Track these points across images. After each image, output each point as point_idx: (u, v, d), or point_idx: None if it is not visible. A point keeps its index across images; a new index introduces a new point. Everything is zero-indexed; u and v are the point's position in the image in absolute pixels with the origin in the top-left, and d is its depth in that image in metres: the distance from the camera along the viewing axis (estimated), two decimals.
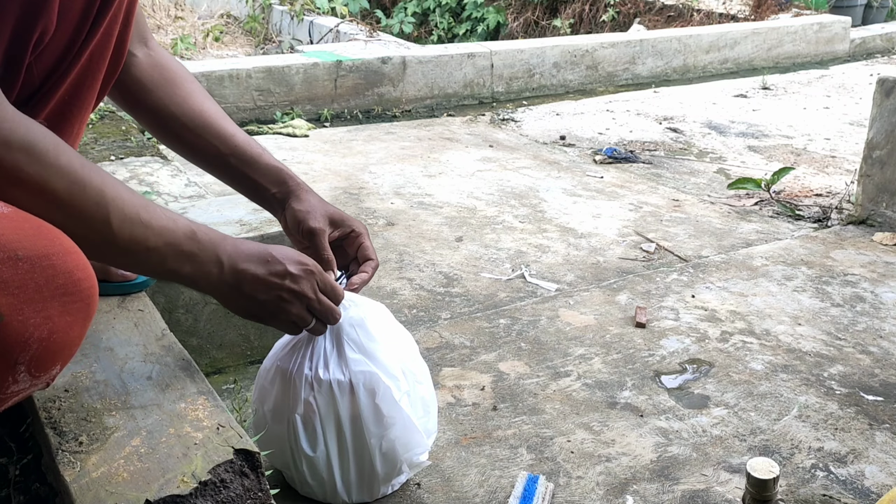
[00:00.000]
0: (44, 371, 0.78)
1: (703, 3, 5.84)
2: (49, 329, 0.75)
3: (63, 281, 0.76)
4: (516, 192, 2.80)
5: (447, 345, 1.78)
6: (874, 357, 1.74)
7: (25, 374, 0.76)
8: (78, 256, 0.79)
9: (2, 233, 0.73)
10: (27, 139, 0.76)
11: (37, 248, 0.74)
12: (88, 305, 0.80)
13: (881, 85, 2.33)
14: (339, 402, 1.20)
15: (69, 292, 0.77)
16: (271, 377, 1.25)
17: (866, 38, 5.54)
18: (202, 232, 0.95)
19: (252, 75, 3.65)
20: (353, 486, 1.27)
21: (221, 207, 1.72)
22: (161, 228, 0.89)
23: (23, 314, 0.73)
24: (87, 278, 0.79)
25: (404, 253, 2.28)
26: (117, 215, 0.84)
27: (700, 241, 2.39)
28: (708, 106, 4.08)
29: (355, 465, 1.24)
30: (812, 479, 1.36)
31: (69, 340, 0.79)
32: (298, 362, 1.21)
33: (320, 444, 1.22)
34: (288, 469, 1.28)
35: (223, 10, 6.63)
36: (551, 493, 1.31)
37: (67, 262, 0.77)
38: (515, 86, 4.29)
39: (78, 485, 0.84)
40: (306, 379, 1.19)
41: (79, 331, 0.80)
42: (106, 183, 0.83)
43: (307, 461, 1.23)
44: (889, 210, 2.38)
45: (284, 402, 1.22)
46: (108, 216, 0.83)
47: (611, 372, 1.67)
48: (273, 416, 1.24)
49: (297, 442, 1.22)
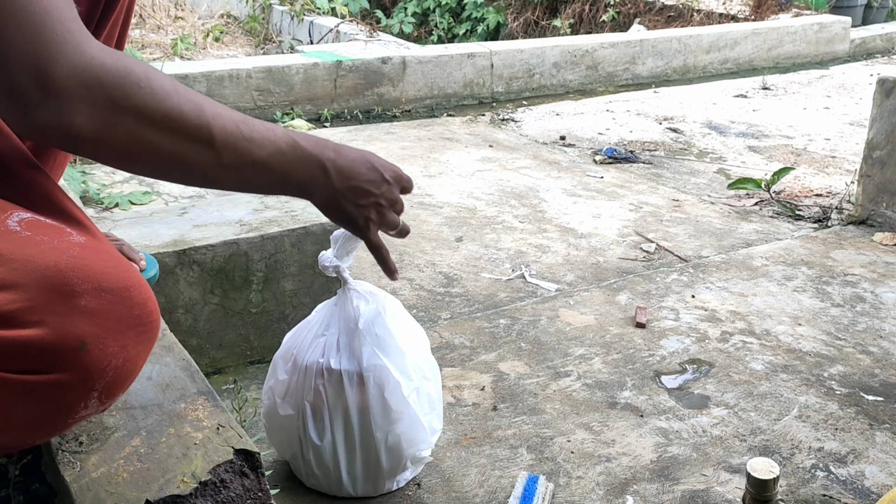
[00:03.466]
0: (111, 397, 0.80)
1: (703, 3, 5.84)
2: (124, 357, 0.77)
3: (139, 312, 0.78)
4: (516, 192, 2.80)
5: (447, 345, 1.78)
6: (874, 357, 1.74)
7: (96, 401, 0.78)
8: (148, 289, 0.81)
9: (87, 263, 0.75)
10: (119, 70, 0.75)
11: (119, 279, 0.77)
12: (155, 335, 0.82)
13: (881, 85, 2.33)
14: (349, 392, 1.22)
15: (143, 323, 0.79)
16: (286, 364, 1.27)
17: (866, 38, 5.54)
18: (303, 139, 0.95)
19: (252, 75, 3.65)
20: (358, 478, 1.28)
21: (221, 207, 1.72)
22: (263, 140, 0.89)
23: (104, 343, 0.75)
24: (156, 310, 0.82)
25: (404, 253, 2.28)
26: (219, 132, 0.83)
27: (700, 241, 2.39)
28: (708, 106, 4.08)
29: (361, 457, 1.26)
30: (812, 479, 1.36)
31: (136, 368, 0.81)
32: (312, 351, 1.23)
33: (327, 434, 1.24)
34: (295, 459, 1.29)
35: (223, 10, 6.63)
36: (551, 493, 1.31)
37: (143, 295, 0.79)
38: (515, 86, 4.29)
39: (78, 485, 0.84)
40: (318, 367, 1.22)
41: (144, 359, 0.82)
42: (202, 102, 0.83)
43: (314, 450, 1.25)
44: (889, 210, 2.38)
45: (297, 389, 1.24)
46: (210, 134, 0.82)
47: (611, 372, 1.67)
48: (284, 404, 1.25)
49: (305, 430, 1.24)
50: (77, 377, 0.74)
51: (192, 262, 1.55)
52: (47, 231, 0.76)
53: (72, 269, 0.73)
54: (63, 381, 0.73)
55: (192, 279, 1.56)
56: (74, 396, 0.76)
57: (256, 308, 1.65)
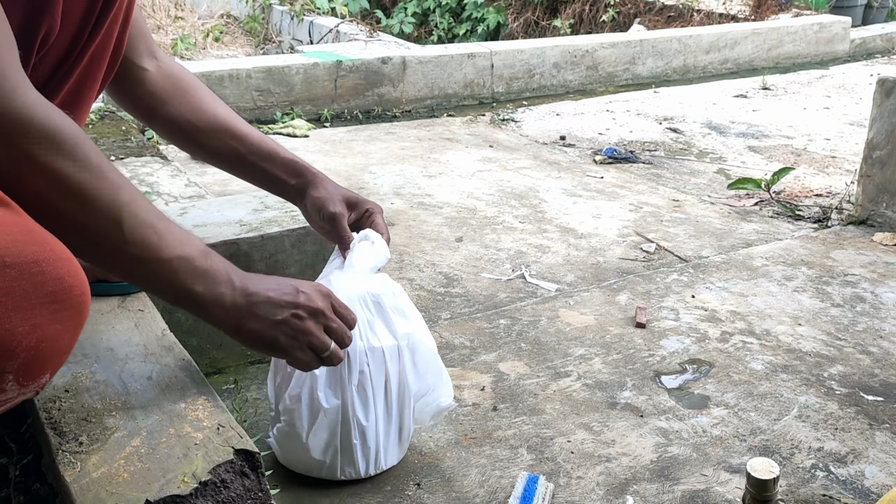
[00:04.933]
0: (32, 380, 0.76)
1: (703, 3, 5.84)
2: (37, 337, 0.73)
3: (53, 288, 0.74)
4: (516, 193, 2.80)
5: (447, 345, 1.78)
6: (874, 357, 1.74)
7: (13, 384, 0.74)
8: (69, 263, 0.77)
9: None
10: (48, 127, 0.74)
11: (25, 253, 0.72)
12: (80, 313, 0.78)
13: (881, 85, 2.33)
14: (389, 365, 1.25)
15: (59, 299, 0.75)
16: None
17: (866, 38, 5.54)
18: (215, 253, 0.93)
19: (252, 75, 3.65)
20: (390, 449, 1.32)
21: (221, 207, 1.72)
22: (175, 240, 0.86)
23: (9, 322, 0.71)
24: (79, 285, 0.77)
25: (404, 253, 2.28)
26: (130, 219, 0.81)
27: (700, 242, 2.39)
28: (708, 106, 4.08)
29: (396, 425, 1.30)
30: (812, 479, 1.36)
31: (59, 349, 0.77)
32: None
33: (371, 412, 1.26)
34: (334, 457, 1.27)
35: (223, 11, 6.63)
36: (551, 493, 1.31)
37: (58, 269, 0.75)
38: (515, 86, 4.29)
39: (78, 485, 0.84)
40: (360, 349, 1.23)
41: (69, 339, 0.78)
42: (123, 185, 0.81)
43: (360, 434, 1.26)
44: (889, 210, 2.38)
45: (335, 382, 1.24)
46: (120, 218, 0.80)
47: (611, 372, 1.67)
48: (327, 396, 1.24)
49: (354, 416, 1.25)
50: None
51: None
52: None
53: None
54: None
55: None
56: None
57: None
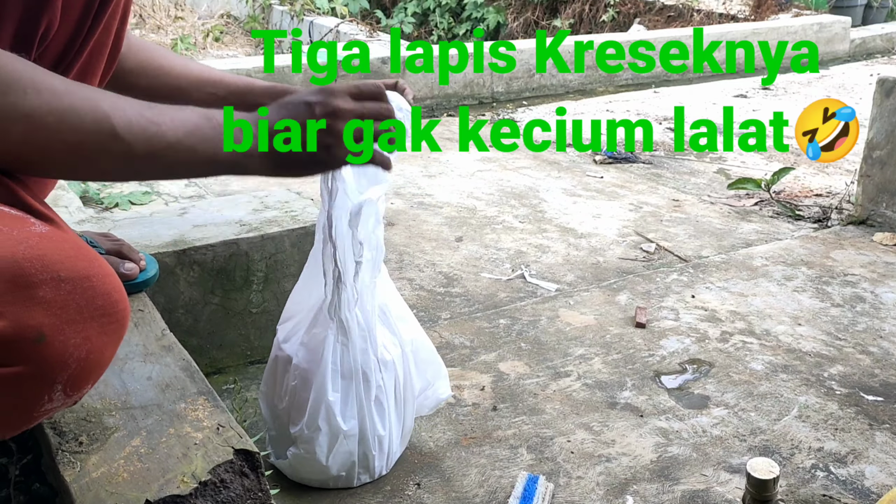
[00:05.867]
0: (77, 390, 0.78)
1: (703, 3, 5.84)
2: (87, 349, 0.76)
3: (102, 302, 0.77)
4: (516, 192, 2.80)
5: (447, 345, 1.78)
6: (874, 357, 1.74)
7: (61, 394, 0.76)
8: (114, 279, 0.79)
9: (44, 253, 0.73)
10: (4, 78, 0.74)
11: (78, 269, 0.75)
12: (122, 326, 0.80)
13: (881, 85, 2.33)
14: (399, 370, 1.28)
15: (107, 313, 0.77)
16: (333, 384, 1.24)
17: (866, 38, 5.54)
18: (216, 111, 0.89)
19: (252, 75, 3.65)
20: (398, 447, 1.33)
21: (221, 207, 1.72)
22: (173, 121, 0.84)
23: (64, 334, 0.73)
24: (122, 300, 0.80)
25: (404, 253, 2.28)
26: (121, 121, 0.80)
27: (700, 241, 2.39)
28: (708, 106, 4.08)
29: (405, 422, 1.33)
30: (812, 480, 1.36)
31: (103, 361, 0.79)
32: (353, 356, 1.24)
33: (386, 419, 1.28)
34: (351, 469, 1.28)
35: (223, 10, 6.63)
36: (551, 493, 1.31)
37: (106, 284, 0.77)
38: (515, 86, 4.28)
39: (78, 485, 0.84)
40: (375, 366, 1.25)
41: (112, 351, 0.80)
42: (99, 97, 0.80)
43: (380, 443, 1.28)
44: (889, 210, 2.38)
45: (351, 402, 1.24)
46: (111, 125, 0.79)
47: (611, 372, 1.67)
48: (346, 419, 1.24)
49: (373, 430, 1.26)
50: (37, 370, 0.73)
51: (192, 262, 1.55)
52: (7, 221, 0.75)
53: (28, 260, 0.72)
54: (22, 374, 0.72)
55: (192, 279, 1.56)
56: (36, 389, 0.74)
57: (257, 308, 1.66)
